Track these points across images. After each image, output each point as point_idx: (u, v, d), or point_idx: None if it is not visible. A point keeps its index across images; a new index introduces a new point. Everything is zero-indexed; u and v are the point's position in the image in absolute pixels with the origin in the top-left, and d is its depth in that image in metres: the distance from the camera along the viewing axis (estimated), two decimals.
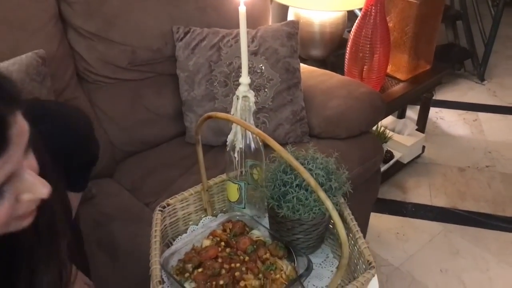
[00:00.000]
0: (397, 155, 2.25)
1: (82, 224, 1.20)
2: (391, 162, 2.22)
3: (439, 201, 2.16)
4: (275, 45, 1.57)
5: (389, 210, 2.10)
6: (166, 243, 1.04)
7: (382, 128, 2.19)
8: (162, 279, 0.84)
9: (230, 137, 1.02)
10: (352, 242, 0.95)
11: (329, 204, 0.72)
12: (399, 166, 2.30)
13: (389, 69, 2.04)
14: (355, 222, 0.95)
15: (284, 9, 2.13)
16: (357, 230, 0.94)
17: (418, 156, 2.40)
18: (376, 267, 0.93)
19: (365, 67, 1.87)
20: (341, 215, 0.99)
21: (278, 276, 0.89)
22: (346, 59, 1.91)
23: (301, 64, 1.88)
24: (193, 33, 1.57)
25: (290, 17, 2.08)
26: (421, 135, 2.32)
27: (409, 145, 2.24)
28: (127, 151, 1.55)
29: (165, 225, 1.03)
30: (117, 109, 1.52)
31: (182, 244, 0.98)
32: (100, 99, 1.51)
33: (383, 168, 2.18)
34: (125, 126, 1.53)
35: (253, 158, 1.03)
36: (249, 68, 1.55)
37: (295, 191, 0.90)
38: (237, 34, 1.60)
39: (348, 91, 1.60)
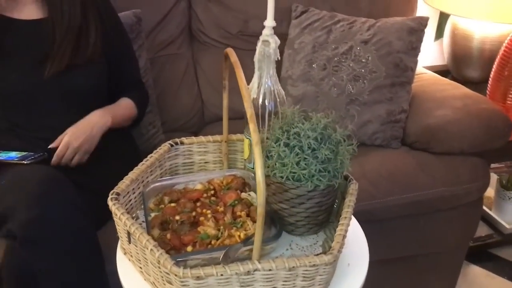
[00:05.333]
0: None
1: None
2: None
3: None
4: (390, 38, 1.42)
5: (510, 275, 1.69)
6: None
7: None
8: (119, 195, 0.83)
9: (249, 86, 0.96)
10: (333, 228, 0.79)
11: (254, 136, 0.61)
12: None
13: None
14: (349, 209, 0.80)
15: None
16: (345, 217, 0.78)
17: None
18: None
19: None
20: (343, 194, 0.84)
21: (238, 233, 0.80)
22: (490, 78, 1.61)
23: (431, 73, 1.67)
24: (309, 13, 1.53)
25: (447, 26, 1.86)
26: None
27: None
28: (216, 114, 1.58)
29: (176, 164, 1.02)
30: (216, 72, 1.56)
31: (176, 181, 0.96)
32: (204, 59, 1.58)
33: None
34: (219, 89, 1.56)
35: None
36: (355, 56, 1.43)
37: (279, 147, 0.80)
38: (354, 21, 1.49)
39: (464, 103, 1.35)
